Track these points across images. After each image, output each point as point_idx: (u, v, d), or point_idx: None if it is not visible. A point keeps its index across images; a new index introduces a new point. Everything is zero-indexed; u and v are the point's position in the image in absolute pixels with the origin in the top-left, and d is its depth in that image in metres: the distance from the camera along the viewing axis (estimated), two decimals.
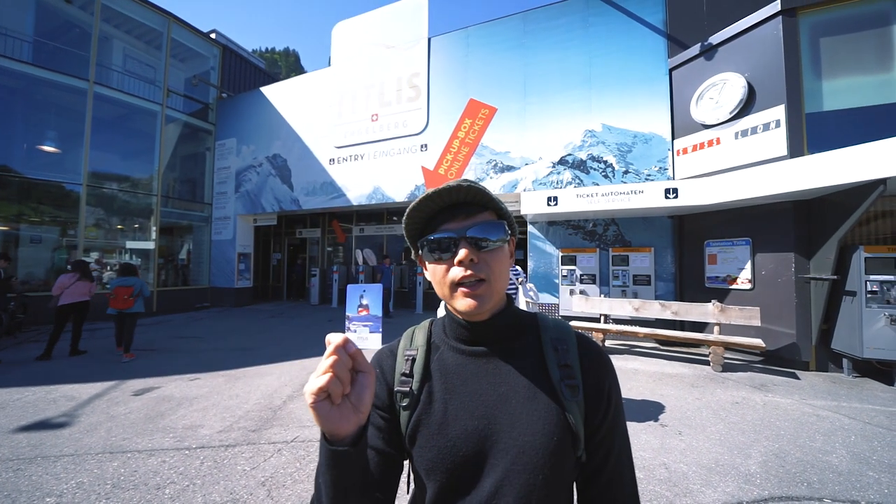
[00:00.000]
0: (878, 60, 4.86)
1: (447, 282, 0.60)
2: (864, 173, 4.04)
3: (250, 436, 3.10)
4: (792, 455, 2.74)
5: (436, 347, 0.67)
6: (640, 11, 6.80)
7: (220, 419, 3.42)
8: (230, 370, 4.93)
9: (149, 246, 10.43)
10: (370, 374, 0.48)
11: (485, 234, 0.59)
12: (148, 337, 7.14)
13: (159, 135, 10.69)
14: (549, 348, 0.63)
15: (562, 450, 0.56)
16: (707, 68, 5.95)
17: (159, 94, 10.74)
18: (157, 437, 3.04)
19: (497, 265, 0.60)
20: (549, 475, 0.55)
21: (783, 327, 5.07)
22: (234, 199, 11.62)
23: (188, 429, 3.21)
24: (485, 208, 0.62)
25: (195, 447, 2.89)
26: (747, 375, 4.72)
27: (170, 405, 3.74)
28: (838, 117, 4.96)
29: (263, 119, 11.28)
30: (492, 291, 0.59)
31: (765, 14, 5.25)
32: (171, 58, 11.13)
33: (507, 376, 0.61)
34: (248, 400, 3.91)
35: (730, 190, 5.28)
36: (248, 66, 14.29)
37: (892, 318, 4.20)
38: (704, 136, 5.96)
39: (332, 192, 9.82)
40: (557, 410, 0.58)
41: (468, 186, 0.57)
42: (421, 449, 0.59)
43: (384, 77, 9.23)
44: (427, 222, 0.63)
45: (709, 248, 6.01)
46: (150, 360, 5.41)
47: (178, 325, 8.57)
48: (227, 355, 5.70)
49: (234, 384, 4.39)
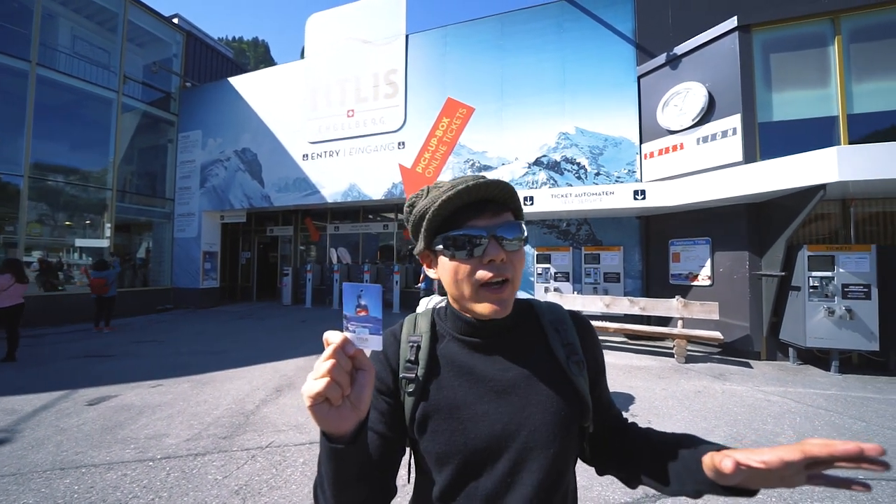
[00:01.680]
0: (819, 77, 5.33)
1: (472, 281, 0.59)
2: (806, 179, 4.43)
3: (221, 443, 2.97)
4: (748, 438, 2.97)
5: (441, 336, 0.67)
6: (611, 20, 7.08)
7: (186, 427, 3.24)
8: (196, 375, 4.68)
9: (102, 244, 9.68)
10: (370, 371, 0.47)
11: (513, 234, 0.60)
12: (103, 342, 6.64)
13: (115, 124, 9.93)
14: (550, 330, 0.67)
15: (569, 423, 0.60)
16: (672, 77, 6.29)
17: (114, 80, 9.97)
18: (116, 450, 2.84)
19: (520, 265, 0.62)
20: (559, 449, 0.58)
21: (738, 320, 5.47)
22: (200, 194, 11.01)
23: (151, 439, 3.02)
24: (507, 207, 0.63)
25: (160, 458, 2.73)
26: (707, 366, 5.05)
27: (129, 414, 3.50)
28: (786, 127, 5.40)
29: (231, 111, 10.75)
30: (513, 292, 0.61)
31: (723, 28, 5.62)
32: (127, 42, 10.36)
33: (515, 362, 0.63)
34: (217, 406, 3.73)
35: (692, 192, 5.62)
36: (215, 54, 13.56)
37: (829, 310, 4.63)
38: (669, 142, 6.31)
39: (306, 189, 9.53)
40: (565, 388, 0.61)
41: (501, 183, 0.58)
42: (433, 434, 0.59)
43: (360, 72, 9.06)
44: (448, 218, 0.61)
45: (673, 247, 6.37)
46: (106, 367, 5.04)
47: (138, 328, 8.02)
48: (192, 359, 5.40)
49: (201, 390, 4.18)
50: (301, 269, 11.50)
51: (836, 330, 4.62)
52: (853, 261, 4.63)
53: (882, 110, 5.10)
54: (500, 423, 0.59)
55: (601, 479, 2.34)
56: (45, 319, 8.15)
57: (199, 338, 6.97)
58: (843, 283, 4.62)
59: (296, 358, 5.48)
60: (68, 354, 5.72)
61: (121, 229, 10.83)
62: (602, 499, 2.25)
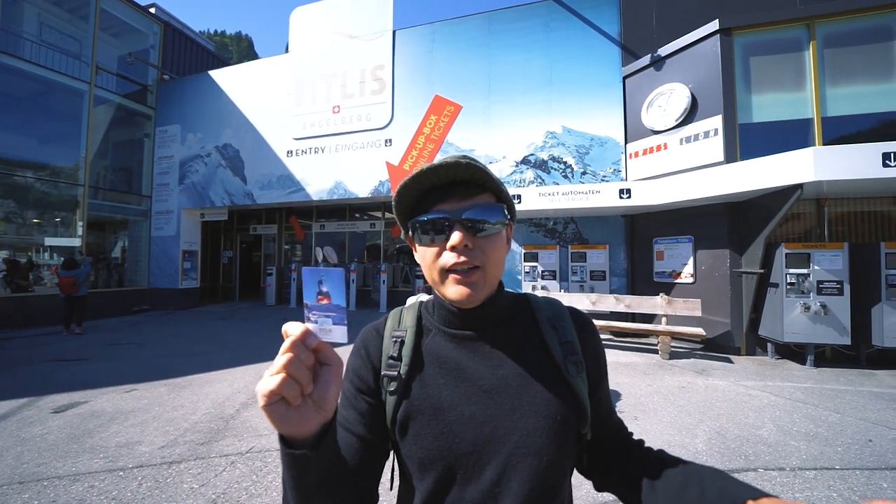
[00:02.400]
0: (795, 80, 5.50)
1: (437, 267, 0.56)
2: (784, 179, 4.56)
3: (199, 449, 2.84)
4: (731, 432, 3.02)
5: (427, 330, 0.62)
6: (597, 20, 7.15)
7: (161, 433, 3.10)
8: (174, 378, 4.50)
9: (74, 243, 9.24)
10: (337, 367, 0.43)
11: (482, 217, 0.55)
12: (74, 345, 6.32)
13: (87, 117, 9.49)
14: (546, 327, 0.61)
15: (566, 429, 0.54)
16: (656, 78, 6.39)
17: (86, 70, 9.52)
18: (84, 460, 2.68)
19: (493, 252, 0.56)
20: (553, 457, 0.53)
21: (720, 317, 5.60)
22: (178, 191, 10.63)
23: (123, 447, 2.87)
24: (483, 189, 0.57)
25: (131, 467, 2.59)
26: (690, 362, 5.15)
27: (100, 421, 3.32)
28: (765, 129, 5.56)
29: (212, 105, 10.41)
30: (486, 280, 0.56)
31: (705, 31, 5.73)
32: (100, 31, 9.90)
33: (505, 359, 0.58)
34: (195, 410, 3.58)
35: (675, 192, 5.72)
36: (195, 46, 13.10)
37: (805, 306, 4.79)
38: (654, 142, 6.41)
39: (290, 186, 9.31)
40: (561, 389, 0.56)
41: (467, 163, 0.52)
42: (415, 437, 0.54)
43: (346, 68, 8.90)
44: (419, 200, 0.58)
45: (657, 246, 6.48)
46: (76, 371, 4.79)
47: (112, 330, 7.68)
48: (170, 362, 5.19)
49: (178, 394, 4.01)
50: (285, 269, 11.25)
51: (812, 325, 4.77)
52: (827, 258, 4.79)
53: (853, 113, 5.29)
54: (488, 427, 0.53)
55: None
56: (13, 322, 7.73)
57: (177, 340, 6.72)
58: (818, 280, 4.78)
59: None
60: (36, 359, 5.42)
61: (94, 227, 10.37)
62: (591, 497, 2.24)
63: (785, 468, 2.51)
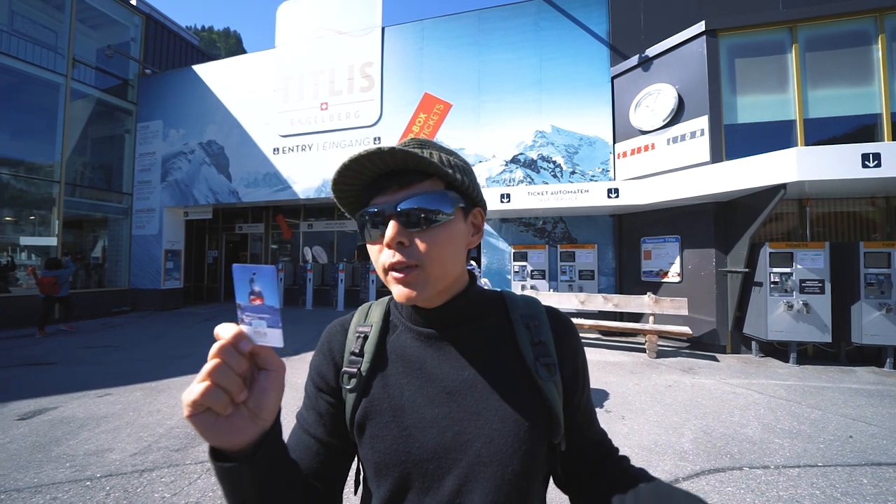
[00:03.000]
0: (778, 82, 5.59)
1: (379, 265, 0.52)
2: (768, 179, 4.62)
3: (173, 456, 2.72)
4: (717, 430, 3.03)
5: (393, 327, 0.59)
6: (586, 20, 7.17)
7: (134, 440, 2.96)
8: (151, 382, 4.33)
9: (50, 242, 8.89)
10: (277, 372, 0.39)
11: (419, 207, 0.49)
12: (46, 348, 6.07)
13: (63, 111, 9.14)
14: (520, 326, 0.56)
15: (534, 438, 0.50)
16: (644, 78, 6.43)
17: (62, 63, 9.17)
18: (48, 470, 2.53)
19: (435, 247, 0.49)
20: (520, 468, 0.48)
21: (706, 315, 5.66)
22: (161, 189, 10.33)
23: (92, 455, 2.73)
24: (426, 175, 0.51)
25: (100, 476, 2.46)
26: (677, 360, 5.19)
27: (69, 428, 3.16)
28: (749, 129, 5.63)
29: (196, 101, 10.14)
30: (429, 278, 0.50)
31: (692, 32, 5.79)
32: (78, 22, 9.55)
33: (473, 359, 0.54)
34: (171, 415, 3.44)
35: (662, 191, 5.76)
36: (179, 40, 12.77)
37: (788, 304, 4.86)
38: (641, 142, 6.45)
39: (277, 185, 9.12)
40: (531, 394, 0.52)
41: (389, 150, 0.46)
42: (372, 440, 0.51)
43: (334, 64, 8.76)
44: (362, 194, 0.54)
45: (644, 245, 6.53)
46: (46, 376, 4.58)
47: (89, 332, 7.41)
48: (148, 365, 5.02)
49: (155, 398, 3.85)
50: None
51: (794, 323, 4.85)
52: (809, 258, 4.87)
53: (834, 115, 5.41)
54: (450, 431, 0.50)
55: None
56: None
57: (157, 342, 6.51)
58: (800, 279, 4.86)
59: None
60: (3, 363, 5.17)
61: (72, 226, 10.01)
62: None
63: (769, 466, 2.51)
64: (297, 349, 5.73)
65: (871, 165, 4.25)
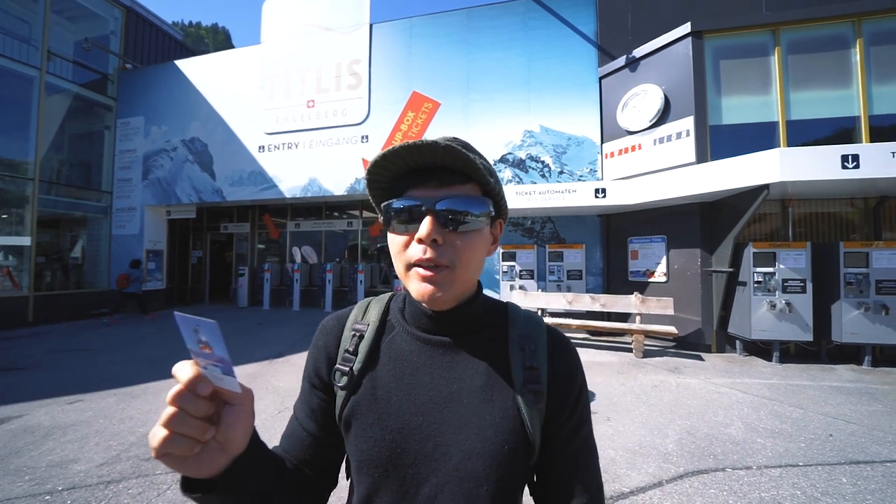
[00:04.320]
0: (761, 84, 5.67)
1: (403, 259, 0.51)
2: (752, 179, 4.67)
3: (142, 466, 2.60)
4: (701, 431, 3.03)
5: (390, 327, 0.59)
6: (574, 21, 7.17)
7: (103, 449, 2.83)
8: (126, 387, 4.17)
9: (23, 241, 8.55)
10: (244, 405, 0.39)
11: (461, 209, 0.49)
12: (18, 353, 5.82)
13: (37, 106, 8.80)
14: (515, 347, 0.55)
15: (513, 460, 0.50)
16: (631, 79, 6.46)
17: (36, 55, 8.83)
18: (4, 484, 2.38)
19: (468, 251, 0.50)
20: (495, 488, 0.48)
21: (691, 315, 5.70)
22: (142, 187, 10.04)
23: (55, 467, 2.59)
24: (467, 178, 0.51)
25: (61, 489, 2.33)
26: (663, 360, 5.21)
27: (32, 438, 3.00)
28: (734, 131, 5.70)
29: (179, 97, 9.88)
30: (455, 281, 0.50)
31: (678, 34, 5.83)
32: (53, 13, 9.21)
33: (464, 372, 0.54)
34: (145, 422, 3.30)
35: (649, 192, 5.79)
36: (161, 35, 12.42)
37: (771, 303, 4.92)
38: (628, 142, 6.48)
39: (263, 183, 8.93)
40: (514, 417, 0.51)
41: (446, 147, 0.46)
42: (355, 438, 0.53)
43: (321, 61, 8.61)
44: (394, 183, 0.53)
45: (632, 245, 6.56)
46: (12, 382, 4.37)
47: (64, 335, 7.14)
48: (124, 369, 4.84)
49: (129, 404, 3.70)
50: (259, 269, 10.82)
51: (777, 322, 4.91)
52: (791, 257, 4.94)
53: (815, 118, 5.50)
54: (431, 442, 0.50)
55: None
56: None
57: (136, 345, 6.30)
58: (783, 279, 4.93)
59: (247, 364, 5.05)
60: None
61: (49, 225, 9.64)
62: None
63: (752, 467, 2.51)
64: (281, 352, 5.60)
65: (851, 167, 4.32)
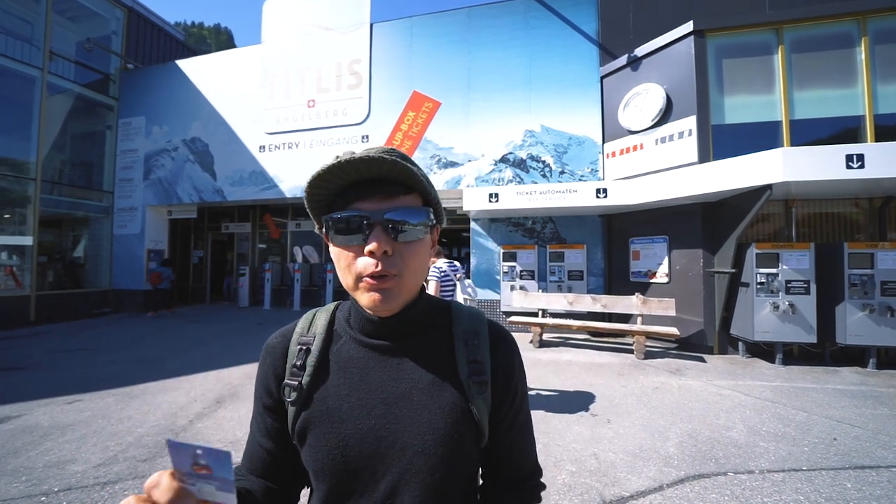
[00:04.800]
0: (764, 84, 5.61)
1: (352, 273, 0.52)
2: (755, 179, 4.62)
3: (139, 467, 2.58)
4: (702, 434, 2.99)
5: (337, 336, 0.61)
6: (575, 19, 7.13)
7: (100, 450, 2.82)
8: (126, 387, 4.16)
9: (25, 241, 8.58)
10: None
11: (407, 219, 0.52)
12: (18, 352, 5.83)
13: (39, 106, 8.83)
14: (459, 342, 0.59)
15: (463, 446, 0.54)
16: (633, 78, 6.41)
17: (38, 56, 8.85)
18: (1, 485, 2.38)
19: (414, 259, 0.53)
20: (447, 473, 0.52)
21: (693, 316, 5.65)
22: (143, 187, 10.06)
23: (51, 467, 2.58)
24: (410, 189, 0.54)
25: (57, 490, 2.32)
26: (665, 361, 5.17)
27: (30, 438, 3.00)
28: (736, 130, 5.64)
29: (180, 96, 9.89)
30: (402, 288, 0.53)
31: (680, 32, 5.78)
32: (55, 13, 9.23)
33: (412, 372, 0.56)
34: (143, 422, 3.29)
35: (650, 192, 5.74)
36: (163, 35, 12.45)
37: (774, 304, 4.87)
38: (630, 142, 6.43)
39: (263, 183, 8.93)
40: (462, 408, 0.54)
41: (392, 161, 0.48)
42: (310, 448, 0.54)
43: (322, 61, 8.60)
44: (337, 195, 0.54)
45: (633, 245, 6.51)
46: (12, 382, 4.37)
47: (64, 335, 7.16)
48: (124, 369, 4.84)
49: (127, 404, 3.70)
50: (259, 269, 10.83)
51: (780, 324, 4.86)
52: (795, 258, 4.89)
53: (819, 117, 5.44)
54: (385, 442, 0.52)
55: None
56: None
57: (136, 345, 6.30)
58: (786, 280, 4.87)
59: (245, 364, 5.05)
60: None
61: (51, 225, 9.68)
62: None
63: (754, 471, 2.47)
64: None
65: (855, 166, 4.26)
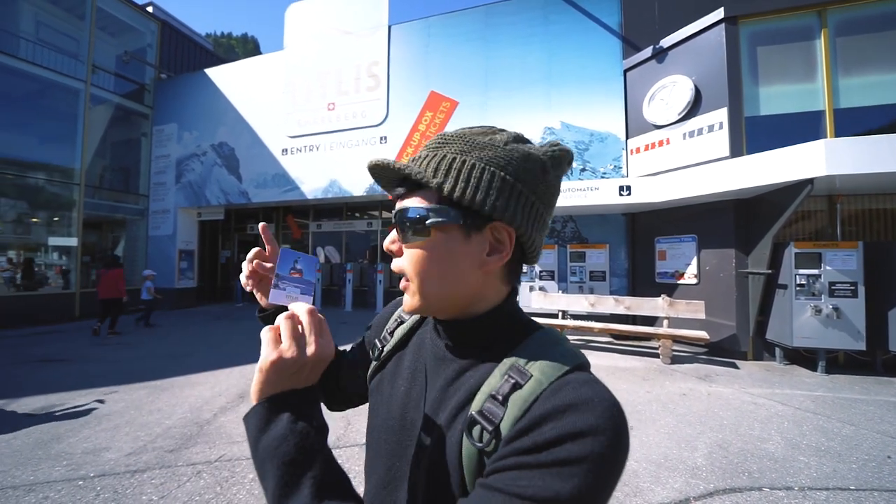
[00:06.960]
0: (805, 71, 5.23)
1: None
2: (794, 173, 4.31)
3: (166, 457, 2.69)
4: (734, 445, 2.80)
5: (427, 320, 0.59)
6: (597, 12, 6.92)
7: (132, 439, 2.96)
8: (156, 381, 4.37)
9: (71, 242, 9.20)
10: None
11: (403, 218, 0.48)
12: (59, 346, 6.24)
13: (83, 116, 9.45)
14: (500, 370, 0.44)
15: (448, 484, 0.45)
16: (658, 70, 6.15)
17: (83, 69, 9.48)
18: (45, 468, 2.54)
19: (412, 262, 0.47)
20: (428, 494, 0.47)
21: (725, 319, 5.34)
22: (175, 190, 10.58)
23: (88, 454, 2.73)
24: (419, 186, 0.47)
25: (93, 475, 2.44)
26: (693, 367, 4.91)
27: (72, 426, 3.19)
28: (772, 121, 5.30)
29: (208, 103, 10.34)
30: (417, 292, 0.47)
31: (710, 20, 5.48)
32: (98, 30, 9.87)
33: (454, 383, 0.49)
34: (171, 415, 3.44)
35: (678, 188, 5.48)
36: (193, 45, 13.07)
37: (816, 308, 4.52)
38: (655, 137, 6.16)
39: (286, 185, 9.19)
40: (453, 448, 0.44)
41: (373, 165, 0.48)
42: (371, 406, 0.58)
43: (341, 64, 8.76)
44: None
45: (659, 245, 6.24)
46: (57, 372, 4.68)
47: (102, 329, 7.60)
48: (155, 363, 5.08)
49: (158, 397, 3.88)
50: None
51: (823, 329, 4.51)
52: (840, 258, 4.52)
53: (868, 105, 5.02)
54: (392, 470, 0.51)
55: None
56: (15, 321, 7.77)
57: (166, 340, 6.62)
58: (829, 281, 4.52)
59: None
60: (22, 358, 5.34)
61: (93, 227, 10.35)
62: None
63: (793, 487, 2.29)
64: None
65: None
